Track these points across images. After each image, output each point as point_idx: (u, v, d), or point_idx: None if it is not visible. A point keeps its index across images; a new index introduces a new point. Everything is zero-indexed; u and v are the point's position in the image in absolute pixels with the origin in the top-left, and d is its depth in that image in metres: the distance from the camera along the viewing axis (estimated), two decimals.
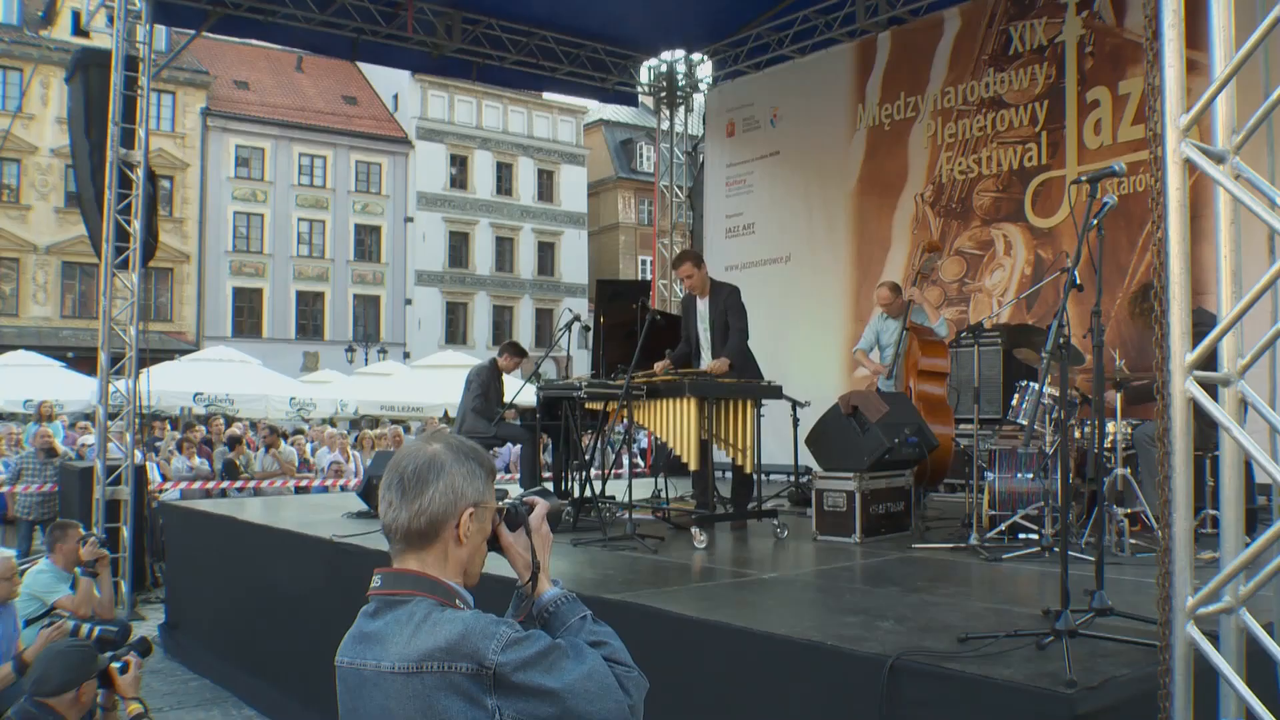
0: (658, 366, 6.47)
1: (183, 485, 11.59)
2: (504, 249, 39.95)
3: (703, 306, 6.80)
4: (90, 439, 11.16)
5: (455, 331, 38.07)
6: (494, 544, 1.84)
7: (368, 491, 7.43)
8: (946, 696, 2.86)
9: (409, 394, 20.05)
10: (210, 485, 11.82)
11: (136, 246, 8.96)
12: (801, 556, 5.51)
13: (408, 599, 1.69)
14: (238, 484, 11.94)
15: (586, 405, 6.67)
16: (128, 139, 8.98)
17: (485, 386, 7.94)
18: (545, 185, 40.91)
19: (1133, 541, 5.14)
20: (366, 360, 31.65)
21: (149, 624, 8.40)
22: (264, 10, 10.19)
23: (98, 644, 5.17)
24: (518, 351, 8.30)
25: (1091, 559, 3.60)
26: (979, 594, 4.35)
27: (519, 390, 8.18)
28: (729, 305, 6.64)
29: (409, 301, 37.36)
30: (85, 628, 5.43)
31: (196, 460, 12.71)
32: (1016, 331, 7.29)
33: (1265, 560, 2.48)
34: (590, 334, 7.75)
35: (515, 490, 2.20)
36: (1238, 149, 2.55)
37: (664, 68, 13.10)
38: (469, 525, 1.73)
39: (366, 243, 37.11)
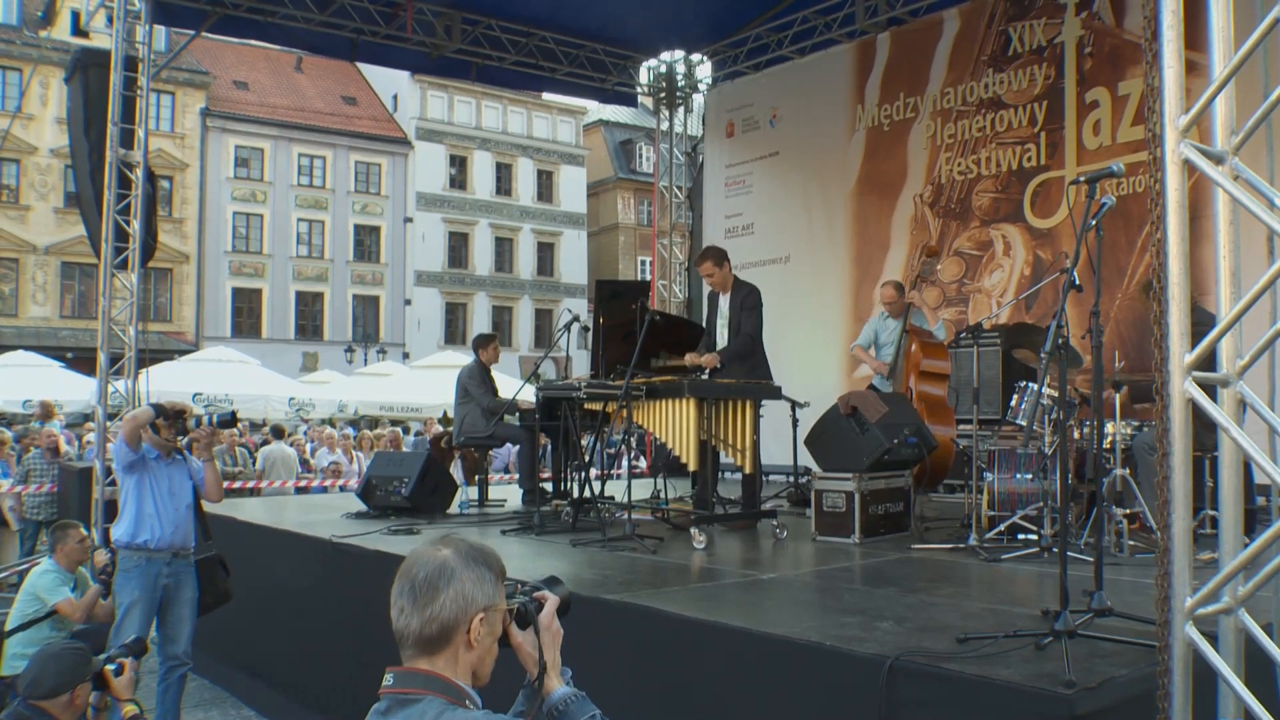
0: (688, 357, 6.61)
1: None
2: (503, 249, 39.94)
3: (724, 304, 6.82)
4: (89, 438, 11.14)
5: (454, 332, 38.04)
6: (504, 642, 1.88)
7: (367, 492, 7.44)
8: (945, 697, 2.86)
9: (408, 394, 20.08)
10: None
11: (136, 247, 8.95)
12: (801, 557, 5.50)
13: (419, 698, 1.71)
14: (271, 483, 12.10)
15: (586, 406, 6.67)
16: (127, 139, 8.97)
17: (484, 383, 8.03)
18: (545, 186, 40.90)
19: (1131, 542, 5.14)
20: (366, 361, 31.66)
21: None
22: (263, 10, 10.18)
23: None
24: (489, 340, 8.53)
25: (1090, 559, 3.60)
26: (978, 594, 4.34)
27: (518, 390, 8.20)
28: (744, 305, 6.65)
29: (408, 302, 37.34)
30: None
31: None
32: (1016, 332, 7.30)
33: (1264, 561, 2.48)
34: (589, 334, 7.73)
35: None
36: (1237, 150, 2.55)
37: (663, 68, 13.09)
38: (480, 630, 1.76)
39: (366, 243, 37.10)
